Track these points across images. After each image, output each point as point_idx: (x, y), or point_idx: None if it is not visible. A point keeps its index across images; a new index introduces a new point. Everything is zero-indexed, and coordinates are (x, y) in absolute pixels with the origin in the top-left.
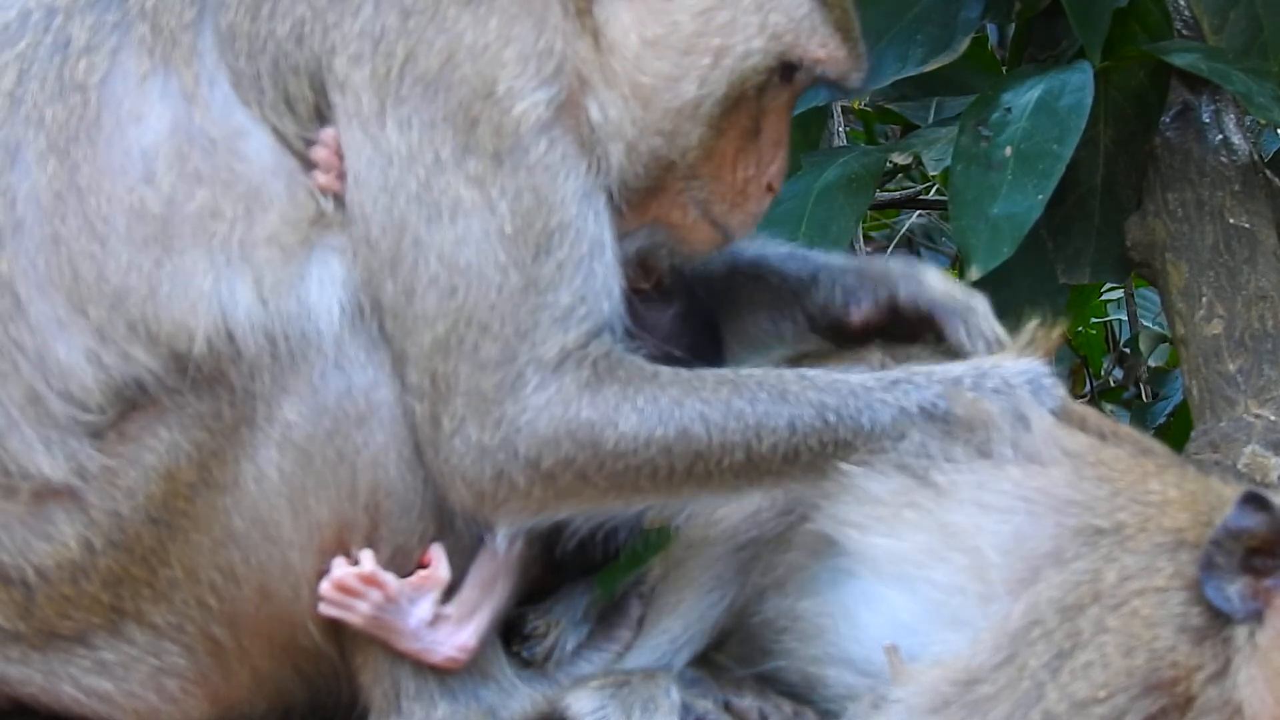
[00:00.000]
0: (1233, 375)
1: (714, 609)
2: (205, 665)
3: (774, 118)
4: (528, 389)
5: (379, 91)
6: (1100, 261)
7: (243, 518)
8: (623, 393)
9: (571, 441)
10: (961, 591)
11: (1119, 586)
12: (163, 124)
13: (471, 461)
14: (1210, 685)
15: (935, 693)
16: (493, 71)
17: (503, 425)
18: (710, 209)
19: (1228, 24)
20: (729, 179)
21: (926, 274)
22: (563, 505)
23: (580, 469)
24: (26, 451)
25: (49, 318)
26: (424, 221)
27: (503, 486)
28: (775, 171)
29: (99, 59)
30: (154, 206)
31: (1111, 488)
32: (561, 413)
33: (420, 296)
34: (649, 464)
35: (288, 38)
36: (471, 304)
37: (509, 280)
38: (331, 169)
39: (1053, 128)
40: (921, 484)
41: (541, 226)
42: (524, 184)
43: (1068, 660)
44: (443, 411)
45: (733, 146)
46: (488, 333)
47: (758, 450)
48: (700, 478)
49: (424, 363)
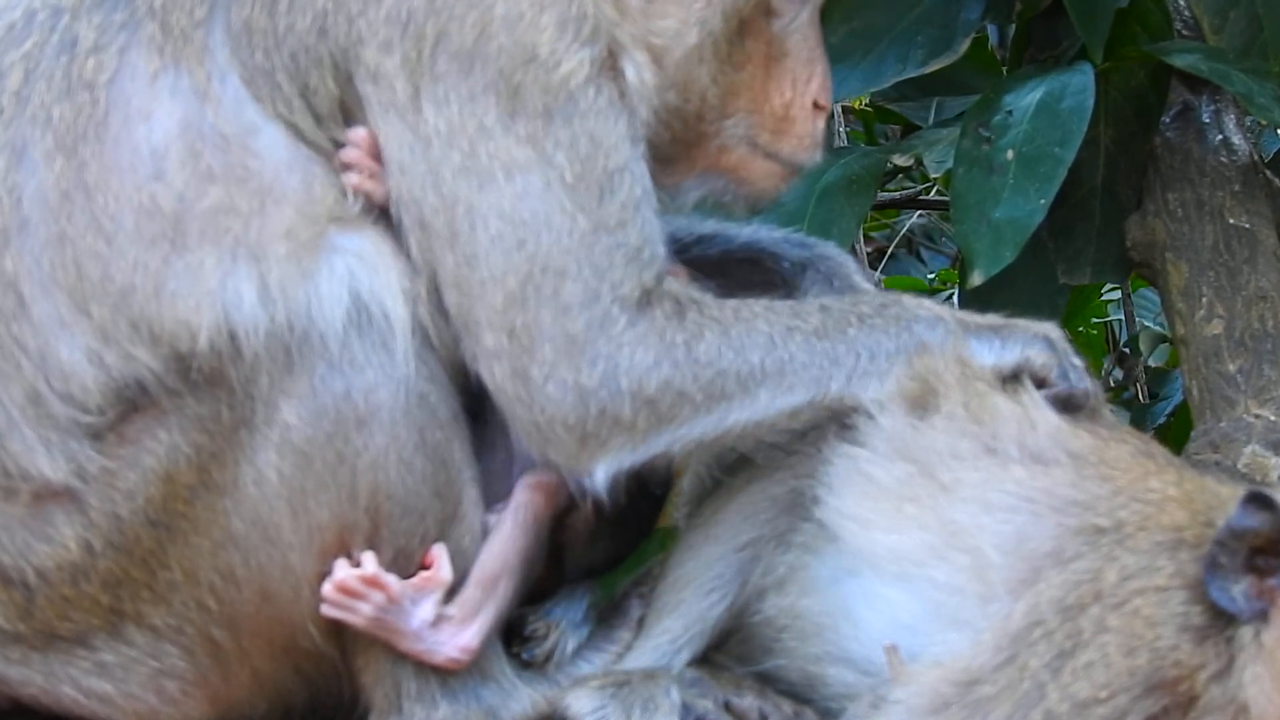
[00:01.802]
0: (1233, 375)
1: (714, 609)
2: (205, 667)
3: (798, 37)
4: (618, 326)
5: (412, 76)
6: (1100, 262)
7: (242, 520)
8: (702, 315)
9: (670, 363)
10: (962, 591)
11: (1120, 586)
12: (173, 121)
13: (572, 405)
14: (1214, 684)
15: (935, 693)
16: (532, 38)
17: (599, 363)
18: (757, 141)
19: (1228, 24)
20: (766, 108)
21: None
22: (663, 432)
23: (679, 387)
24: (27, 453)
25: (51, 317)
26: (475, 189)
27: (607, 423)
28: (817, 87)
29: (107, 58)
30: (165, 204)
31: (1112, 486)
32: (658, 341)
33: (484, 259)
34: (732, 365)
35: (309, 31)
36: (544, 252)
37: (578, 224)
38: (364, 169)
39: (1054, 130)
40: (925, 476)
41: (602, 169)
42: (579, 131)
43: (1069, 660)
44: (529, 363)
45: (759, 76)
46: (566, 276)
47: (819, 345)
48: (775, 370)
49: (499, 320)
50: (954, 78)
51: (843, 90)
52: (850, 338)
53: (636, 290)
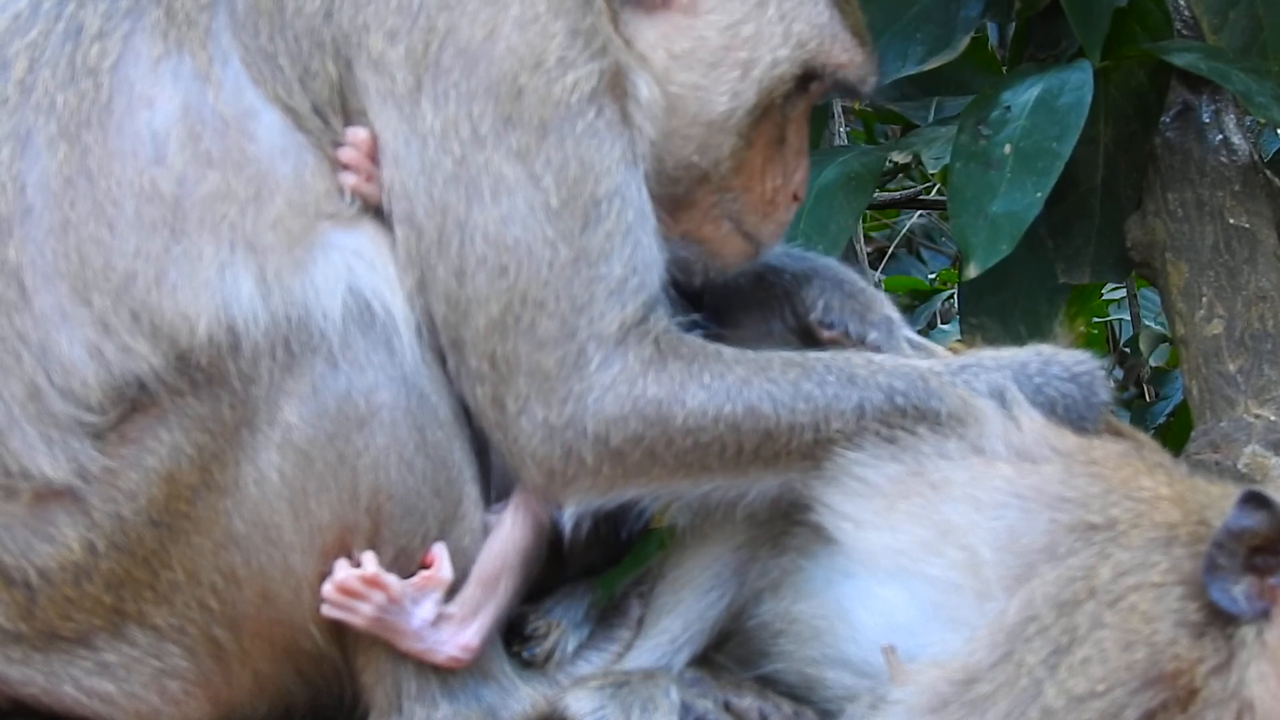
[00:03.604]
0: (1233, 375)
1: (713, 608)
2: (207, 667)
3: (795, 128)
4: (591, 366)
5: (415, 68)
6: (1100, 261)
7: (244, 520)
8: (687, 370)
9: (640, 419)
10: (958, 589)
11: (1114, 582)
12: (174, 106)
13: (540, 441)
14: (1214, 678)
15: (934, 692)
16: (543, 42)
17: (569, 403)
18: (743, 221)
19: (1228, 24)
20: (759, 190)
21: (902, 332)
22: (631, 484)
23: (649, 447)
24: (28, 451)
25: (53, 308)
26: (464, 202)
27: (572, 464)
28: (800, 180)
29: (111, 44)
30: (165, 188)
31: (1104, 484)
32: (628, 390)
33: (471, 278)
34: (717, 442)
35: (316, 13)
36: (524, 282)
37: (558, 255)
38: (363, 171)
39: (1052, 126)
40: (915, 475)
41: (588, 196)
42: (570, 153)
43: (1065, 656)
44: (506, 393)
45: (761, 157)
46: (543, 310)
47: (825, 432)
48: (768, 458)
49: (482, 345)
50: (953, 77)
51: None
52: (861, 426)
53: (614, 325)
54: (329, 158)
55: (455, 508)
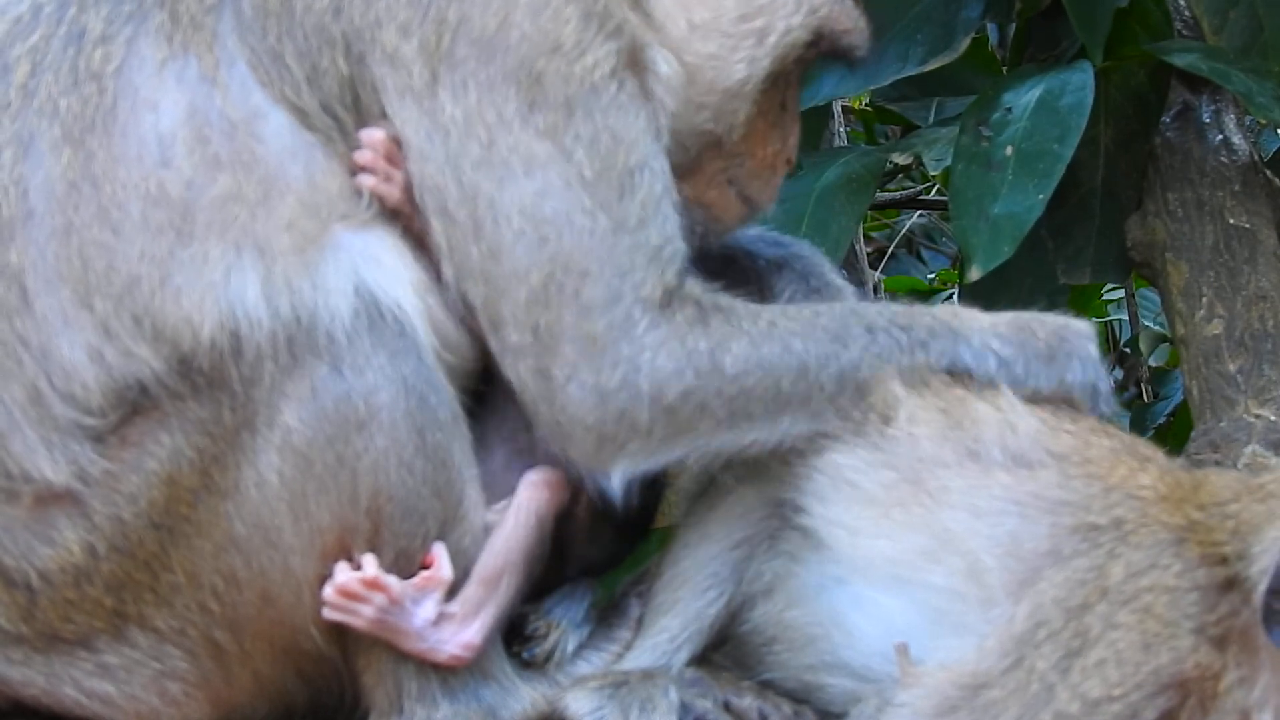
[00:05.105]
0: (1233, 375)
1: (711, 607)
2: (207, 669)
3: (793, 93)
4: (639, 328)
5: (430, 61)
6: (1100, 261)
7: (244, 523)
8: (728, 322)
9: (694, 372)
10: (960, 596)
11: (1127, 582)
12: (180, 109)
13: (591, 406)
14: (1238, 689)
15: (943, 696)
16: (557, 27)
17: (620, 366)
18: (744, 185)
19: (1228, 24)
20: (761, 155)
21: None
22: (680, 442)
23: (701, 399)
24: (29, 454)
25: (55, 312)
26: (495, 183)
27: (624, 427)
28: (794, 144)
29: (114, 48)
30: (173, 191)
31: (1102, 485)
32: (680, 347)
33: (508, 254)
34: (759, 385)
35: (325, 10)
36: (566, 250)
37: (598, 223)
38: (379, 172)
39: (1053, 127)
40: (910, 482)
41: (621, 166)
42: (599, 126)
43: (1077, 659)
44: (551, 363)
45: (766, 123)
46: (588, 277)
47: (845, 357)
48: (802, 398)
49: (523, 317)
50: (954, 78)
51: (843, 88)
52: (892, 370)
53: (658, 290)
54: (340, 156)
55: (455, 509)
